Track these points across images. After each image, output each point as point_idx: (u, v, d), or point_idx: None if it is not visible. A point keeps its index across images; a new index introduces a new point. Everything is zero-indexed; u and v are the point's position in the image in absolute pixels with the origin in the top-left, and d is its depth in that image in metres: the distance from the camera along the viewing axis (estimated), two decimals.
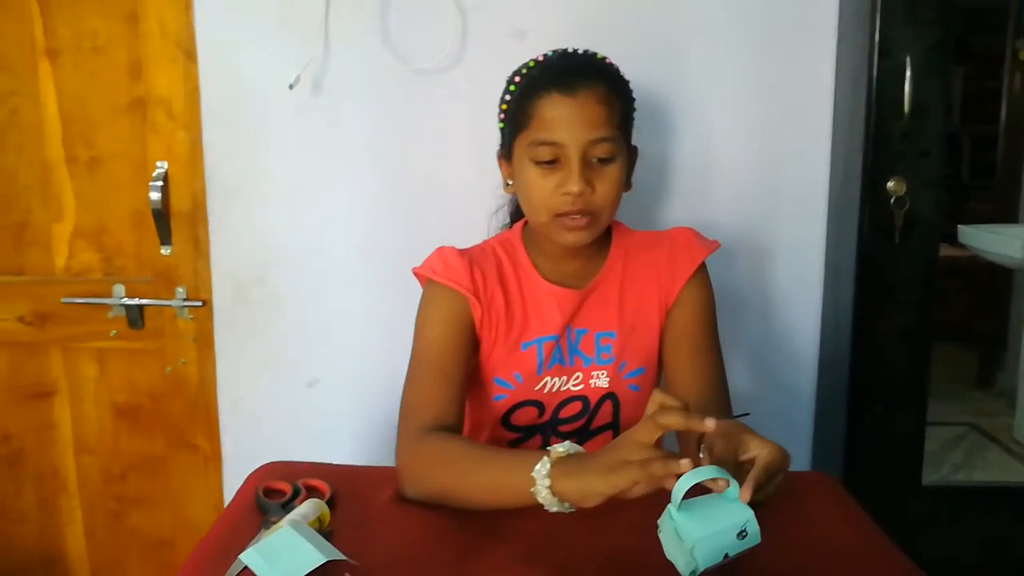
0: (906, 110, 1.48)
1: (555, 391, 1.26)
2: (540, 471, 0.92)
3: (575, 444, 0.95)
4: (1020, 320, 2.41)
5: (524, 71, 1.20)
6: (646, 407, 0.90)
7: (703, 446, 0.99)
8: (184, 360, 1.78)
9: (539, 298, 1.26)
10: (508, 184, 1.26)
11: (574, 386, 1.27)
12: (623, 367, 1.27)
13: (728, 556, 0.83)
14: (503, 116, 1.23)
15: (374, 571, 0.91)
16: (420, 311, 1.24)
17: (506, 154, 1.24)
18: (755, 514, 0.84)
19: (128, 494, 1.86)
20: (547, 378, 1.26)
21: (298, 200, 1.68)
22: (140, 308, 1.78)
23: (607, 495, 0.87)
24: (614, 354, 1.26)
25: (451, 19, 1.59)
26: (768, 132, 1.63)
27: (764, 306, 1.69)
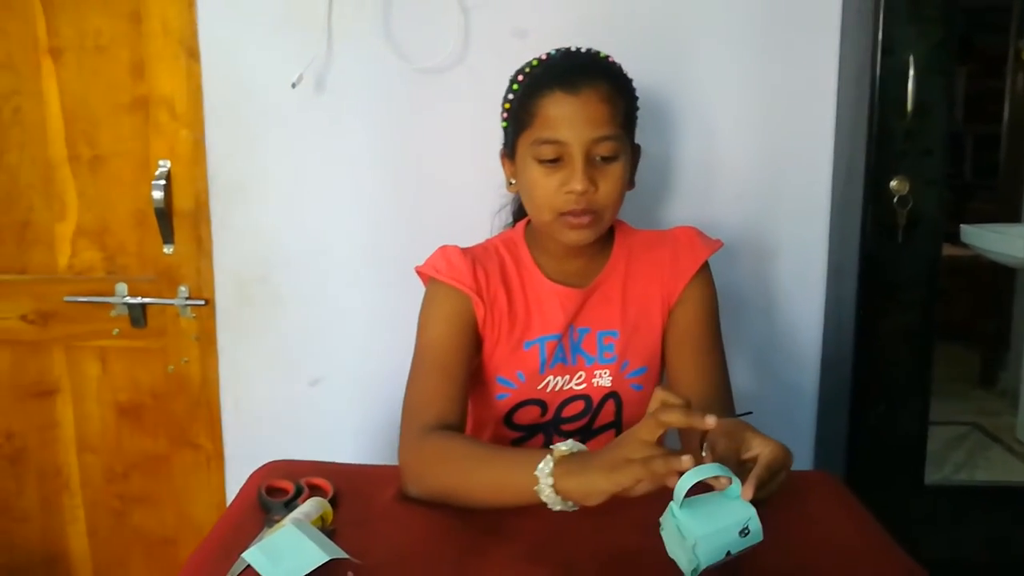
0: (909, 109, 1.48)
1: (558, 390, 1.26)
2: (544, 469, 0.91)
3: (578, 442, 0.95)
4: (1023, 320, 2.41)
5: (527, 70, 1.20)
6: (648, 405, 0.90)
7: (705, 444, 0.99)
8: (187, 359, 1.79)
9: (542, 297, 1.26)
10: (511, 183, 1.26)
11: (577, 385, 1.27)
12: (626, 366, 1.26)
13: (730, 554, 0.83)
14: (506, 115, 1.23)
15: (377, 570, 0.91)
16: (423, 310, 1.24)
17: (509, 153, 1.24)
18: (757, 512, 0.84)
19: (130, 493, 1.86)
20: (550, 377, 1.26)
21: (301, 199, 1.68)
22: (143, 307, 1.78)
23: (610, 493, 0.87)
24: (617, 353, 1.26)
25: (453, 18, 1.59)
26: (771, 131, 1.63)
27: (767, 305, 1.70)
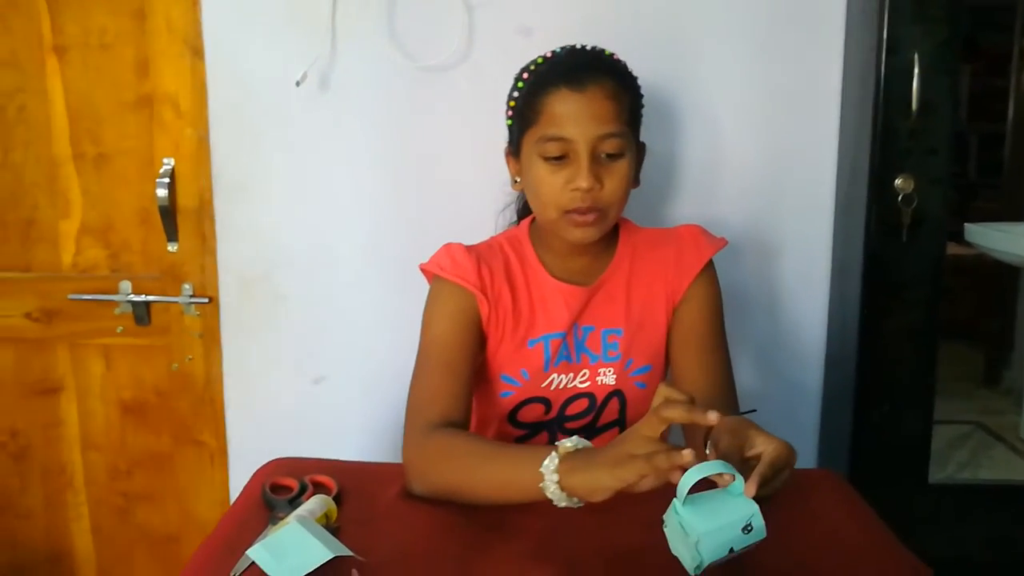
0: (914, 108, 1.48)
1: (562, 388, 1.26)
2: (549, 466, 0.91)
3: (583, 439, 0.95)
4: None
5: (532, 67, 1.20)
6: (652, 402, 0.90)
7: (709, 441, 0.99)
8: (190, 357, 1.79)
9: (546, 295, 1.26)
10: (516, 181, 1.26)
11: (581, 383, 1.27)
12: (630, 364, 1.26)
13: (733, 551, 0.83)
14: (511, 113, 1.23)
15: (381, 567, 0.91)
16: (427, 307, 1.24)
17: (514, 151, 1.24)
18: (760, 509, 0.84)
19: (134, 490, 1.86)
20: (554, 375, 1.26)
21: (305, 197, 1.69)
22: (147, 305, 1.78)
23: (614, 489, 0.87)
24: (621, 351, 1.26)
25: (458, 16, 1.59)
26: (775, 129, 1.63)
27: (771, 303, 1.69)
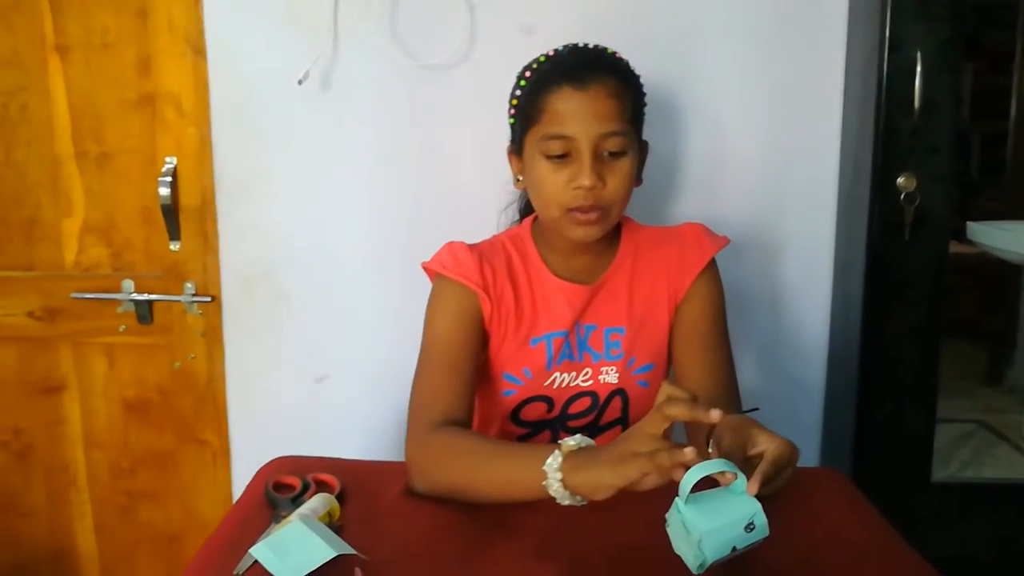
0: (916, 106, 1.48)
1: (564, 387, 1.26)
2: (552, 464, 0.91)
3: (586, 437, 0.95)
4: None
5: (535, 66, 1.20)
6: (655, 399, 0.90)
7: (711, 440, 0.99)
8: (193, 355, 1.79)
9: (548, 294, 1.26)
10: (518, 180, 1.26)
11: (583, 382, 1.26)
12: (632, 363, 1.26)
13: (736, 549, 0.83)
14: (513, 111, 1.23)
15: (384, 565, 0.91)
16: (429, 306, 1.24)
17: (516, 149, 1.24)
18: (763, 508, 0.84)
19: (137, 489, 1.86)
20: (556, 374, 1.26)
21: (307, 195, 1.68)
22: (149, 303, 1.78)
23: (617, 487, 0.86)
24: (623, 350, 1.26)
25: (459, 15, 1.59)
26: (777, 128, 1.62)
27: (773, 302, 1.69)
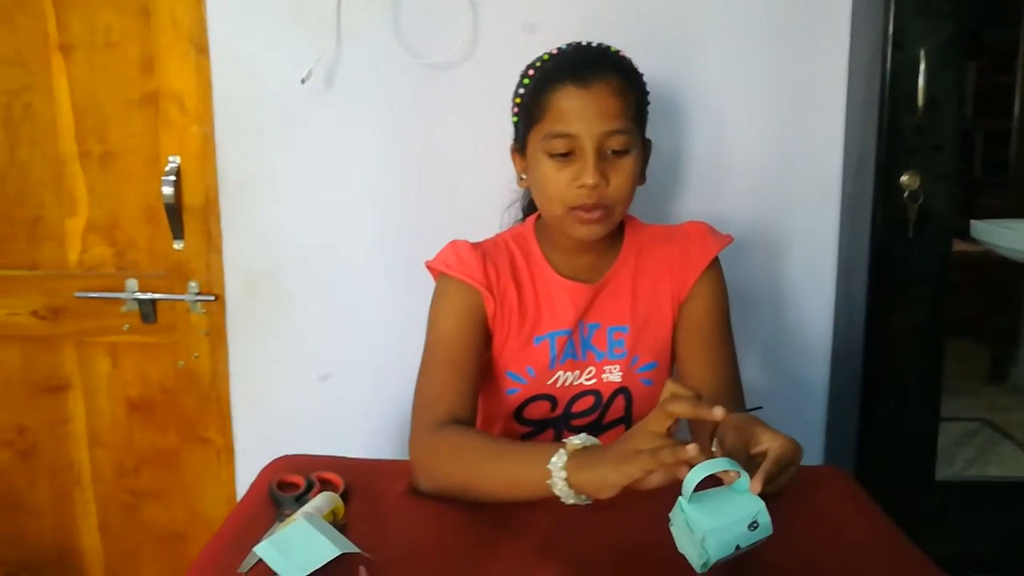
0: (920, 104, 1.48)
1: (568, 385, 1.26)
2: (556, 463, 0.91)
3: (591, 436, 0.95)
4: None
5: (538, 64, 1.20)
6: (659, 397, 0.90)
7: (714, 438, 0.99)
8: (197, 354, 1.79)
9: (552, 292, 1.26)
10: (521, 178, 1.26)
11: (587, 380, 1.27)
12: (636, 361, 1.26)
13: (739, 548, 0.83)
14: (517, 110, 1.23)
15: (388, 564, 0.91)
16: (433, 305, 1.24)
17: (520, 148, 1.24)
18: (766, 506, 0.83)
19: (141, 487, 1.87)
20: (560, 372, 1.26)
21: (310, 194, 1.69)
22: (153, 302, 1.79)
23: (621, 485, 0.86)
24: (627, 348, 1.26)
25: (463, 13, 1.59)
26: (781, 126, 1.62)
27: (777, 300, 1.69)
